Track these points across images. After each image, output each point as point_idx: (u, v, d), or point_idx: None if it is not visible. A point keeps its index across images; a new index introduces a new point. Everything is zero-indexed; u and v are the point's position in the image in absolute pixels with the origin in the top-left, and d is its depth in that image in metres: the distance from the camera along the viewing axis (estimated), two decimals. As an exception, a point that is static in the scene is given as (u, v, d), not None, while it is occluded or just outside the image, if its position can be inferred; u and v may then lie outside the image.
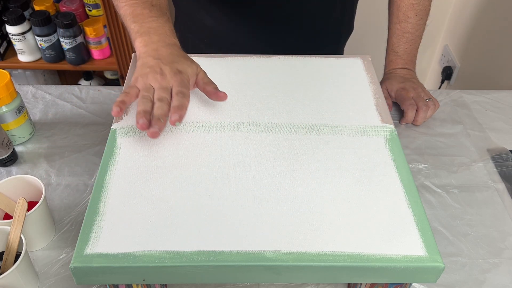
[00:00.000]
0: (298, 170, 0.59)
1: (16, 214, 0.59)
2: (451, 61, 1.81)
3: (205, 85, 0.65)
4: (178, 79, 0.62)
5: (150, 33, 0.67)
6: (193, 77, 0.65)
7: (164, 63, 0.63)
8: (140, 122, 0.57)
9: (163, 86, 0.62)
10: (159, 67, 0.63)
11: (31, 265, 0.60)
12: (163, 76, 0.62)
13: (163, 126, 0.58)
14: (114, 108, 0.60)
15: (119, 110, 0.60)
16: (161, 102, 0.60)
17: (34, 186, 0.66)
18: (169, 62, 0.64)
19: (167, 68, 0.63)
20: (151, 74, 0.63)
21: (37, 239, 0.66)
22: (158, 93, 0.61)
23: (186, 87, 0.63)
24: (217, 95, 0.64)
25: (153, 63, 0.63)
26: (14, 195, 0.66)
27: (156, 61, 0.64)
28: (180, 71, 0.63)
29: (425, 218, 0.54)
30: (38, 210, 0.63)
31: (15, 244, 0.59)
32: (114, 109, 0.60)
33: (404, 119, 0.87)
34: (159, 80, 0.62)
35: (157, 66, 0.63)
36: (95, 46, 1.61)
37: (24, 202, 0.60)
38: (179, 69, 0.64)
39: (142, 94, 0.62)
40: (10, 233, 0.59)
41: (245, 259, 0.49)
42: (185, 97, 0.61)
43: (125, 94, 0.62)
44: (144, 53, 0.65)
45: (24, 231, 0.61)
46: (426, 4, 0.90)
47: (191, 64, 0.65)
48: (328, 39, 1.00)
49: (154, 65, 0.63)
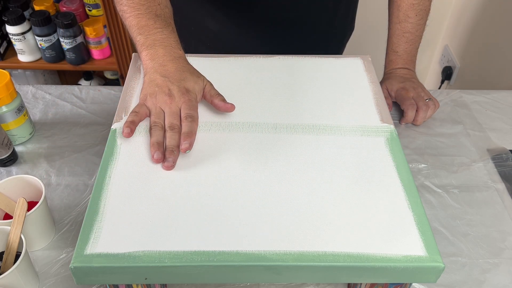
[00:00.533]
0: (298, 170, 0.59)
1: (16, 214, 0.59)
2: (451, 61, 1.81)
3: (212, 97, 0.66)
4: (187, 100, 0.64)
5: (156, 45, 0.67)
6: (200, 93, 0.67)
7: (172, 81, 0.64)
8: (155, 156, 0.59)
9: (173, 111, 0.63)
10: (167, 87, 0.64)
11: (31, 265, 0.60)
12: (172, 98, 0.63)
13: (177, 157, 0.60)
14: (124, 130, 0.61)
15: (129, 131, 0.61)
16: (173, 131, 0.61)
17: (34, 186, 0.66)
18: (176, 81, 0.65)
19: (175, 88, 0.64)
20: (160, 95, 0.64)
21: (37, 239, 0.66)
22: (168, 120, 0.63)
23: (195, 108, 0.64)
24: (226, 107, 0.66)
25: (161, 82, 0.64)
26: (14, 195, 0.66)
27: (164, 79, 0.64)
28: (188, 89, 0.65)
29: (425, 218, 0.54)
30: (38, 210, 0.63)
31: (15, 244, 0.59)
32: (124, 131, 0.61)
33: (404, 119, 0.87)
34: (168, 103, 0.63)
35: (165, 86, 0.64)
36: (95, 46, 1.61)
37: (24, 202, 0.60)
38: (187, 87, 0.65)
39: (153, 119, 0.63)
40: (10, 233, 0.59)
41: (245, 259, 0.49)
42: (194, 121, 0.63)
43: (135, 114, 0.63)
44: (151, 69, 0.66)
45: (24, 231, 0.61)
46: (427, 4, 0.90)
47: (197, 80, 0.66)
48: (332, 40, 1.00)
49: (162, 85, 0.64)
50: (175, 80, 0.65)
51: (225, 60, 0.77)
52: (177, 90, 0.64)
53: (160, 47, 0.67)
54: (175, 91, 0.64)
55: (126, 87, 0.71)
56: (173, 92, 0.64)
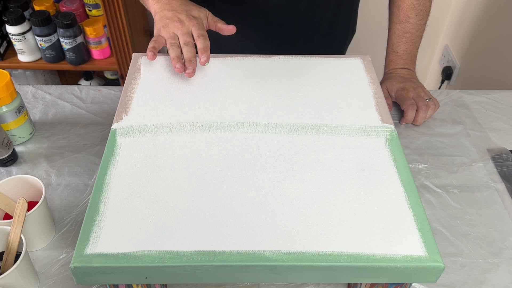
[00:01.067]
0: (298, 170, 0.59)
1: (16, 214, 0.59)
2: (451, 61, 1.81)
3: (215, 23, 0.77)
4: (195, 23, 0.73)
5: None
6: (205, 20, 0.77)
7: (179, 12, 0.74)
8: (178, 66, 0.69)
9: (184, 32, 0.72)
10: (177, 17, 0.73)
11: (31, 265, 0.61)
12: (182, 23, 0.73)
13: (195, 66, 0.70)
14: (148, 53, 0.71)
15: (152, 54, 0.71)
16: (188, 46, 0.71)
17: (34, 186, 0.66)
18: (183, 11, 0.74)
19: (183, 16, 0.73)
20: (172, 23, 0.73)
21: (38, 239, 0.66)
22: (182, 38, 0.72)
23: (203, 29, 0.74)
24: (228, 29, 0.77)
25: (170, 15, 0.74)
26: (14, 195, 0.66)
27: (172, 12, 0.74)
28: (195, 16, 0.74)
29: (425, 218, 0.54)
30: (38, 210, 0.63)
31: (15, 244, 0.59)
32: (148, 54, 0.71)
33: (404, 119, 0.87)
34: (180, 27, 0.73)
35: (175, 16, 0.74)
36: (95, 46, 1.61)
37: (24, 202, 0.60)
38: (193, 15, 0.74)
39: (169, 42, 0.72)
40: (10, 233, 0.59)
41: (245, 259, 0.49)
42: (206, 38, 0.72)
43: (155, 41, 0.72)
44: (159, 8, 0.76)
45: (24, 231, 0.61)
46: (427, 5, 0.90)
47: (201, 9, 0.77)
48: (334, 43, 1.00)
49: (172, 16, 0.74)
50: (182, 10, 0.74)
51: (225, 60, 0.77)
52: (185, 17, 0.73)
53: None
54: (184, 18, 0.73)
55: (126, 87, 0.71)
56: (182, 19, 0.73)
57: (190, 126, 0.64)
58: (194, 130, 0.64)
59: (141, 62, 0.76)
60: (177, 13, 0.74)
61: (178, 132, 0.63)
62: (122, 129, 0.63)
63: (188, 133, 0.63)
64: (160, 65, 0.75)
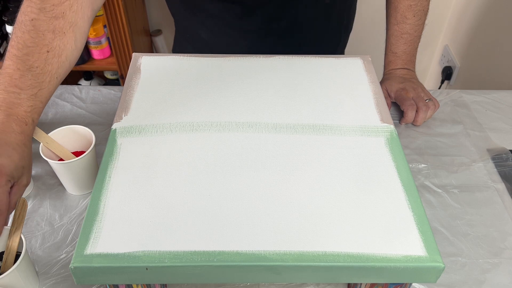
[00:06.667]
0: (298, 170, 0.59)
1: (16, 215, 0.59)
2: (451, 61, 1.81)
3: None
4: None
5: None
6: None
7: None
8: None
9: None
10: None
11: (31, 265, 0.61)
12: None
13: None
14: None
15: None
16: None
17: (83, 136, 0.72)
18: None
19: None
20: None
21: (81, 184, 0.72)
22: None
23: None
24: None
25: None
26: (66, 143, 0.72)
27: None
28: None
29: (425, 218, 0.54)
30: (86, 157, 0.69)
31: (15, 244, 0.59)
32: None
33: (404, 120, 0.87)
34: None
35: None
36: (95, 46, 1.61)
37: (25, 202, 0.60)
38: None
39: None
40: (10, 233, 0.59)
41: (245, 259, 0.49)
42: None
43: None
44: None
45: (72, 174, 0.69)
46: (425, 5, 0.90)
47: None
48: (327, 46, 0.99)
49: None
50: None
51: (225, 60, 0.77)
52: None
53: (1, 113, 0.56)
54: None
55: (126, 87, 0.71)
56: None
57: (190, 126, 0.64)
58: (194, 130, 0.64)
59: (141, 62, 0.76)
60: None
61: (178, 132, 0.63)
62: (122, 129, 0.63)
63: (188, 133, 0.63)
64: (160, 65, 0.75)
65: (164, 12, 1.85)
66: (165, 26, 1.91)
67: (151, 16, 1.87)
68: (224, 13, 0.89)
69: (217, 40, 0.94)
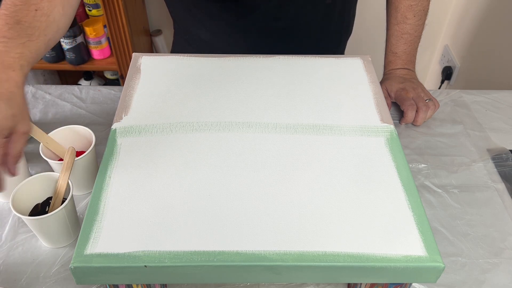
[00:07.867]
0: (298, 170, 0.59)
1: (65, 161, 0.64)
2: (451, 61, 1.81)
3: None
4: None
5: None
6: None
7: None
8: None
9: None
10: None
11: (75, 210, 0.66)
12: None
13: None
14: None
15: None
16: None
17: (83, 136, 0.72)
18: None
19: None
20: None
21: (83, 184, 0.72)
22: None
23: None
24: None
25: None
26: (66, 144, 0.71)
27: None
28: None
29: (425, 218, 0.54)
30: (86, 157, 0.69)
31: (63, 189, 0.63)
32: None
33: (404, 120, 0.87)
34: None
35: None
36: (95, 46, 1.61)
37: (73, 150, 0.65)
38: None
39: None
40: (59, 179, 0.63)
41: (245, 259, 0.49)
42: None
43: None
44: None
45: (72, 176, 0.67)
46: (425, 5, 0.90)
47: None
48: (327, 46, 0.99)
49: None
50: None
51: (225, 60, 0.77)
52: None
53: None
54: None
55: (126, 87, 0.71)
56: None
57: (190, 126, 0.64)
58: (194, 130, 0.64)
59: (141, 62, 0.76)
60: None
61: (178, 132, 0.63)
62: (122, 129, 0.63)
63: (188, 133, 0.63)
64: (160, 65, 0.75)
65: (164, 12, 1.85)
66: (165, 26, 1.91)
67: (151, 16, 1.87)
68: (224, 13, 0.89)
69: (217, 40, 0.94)
